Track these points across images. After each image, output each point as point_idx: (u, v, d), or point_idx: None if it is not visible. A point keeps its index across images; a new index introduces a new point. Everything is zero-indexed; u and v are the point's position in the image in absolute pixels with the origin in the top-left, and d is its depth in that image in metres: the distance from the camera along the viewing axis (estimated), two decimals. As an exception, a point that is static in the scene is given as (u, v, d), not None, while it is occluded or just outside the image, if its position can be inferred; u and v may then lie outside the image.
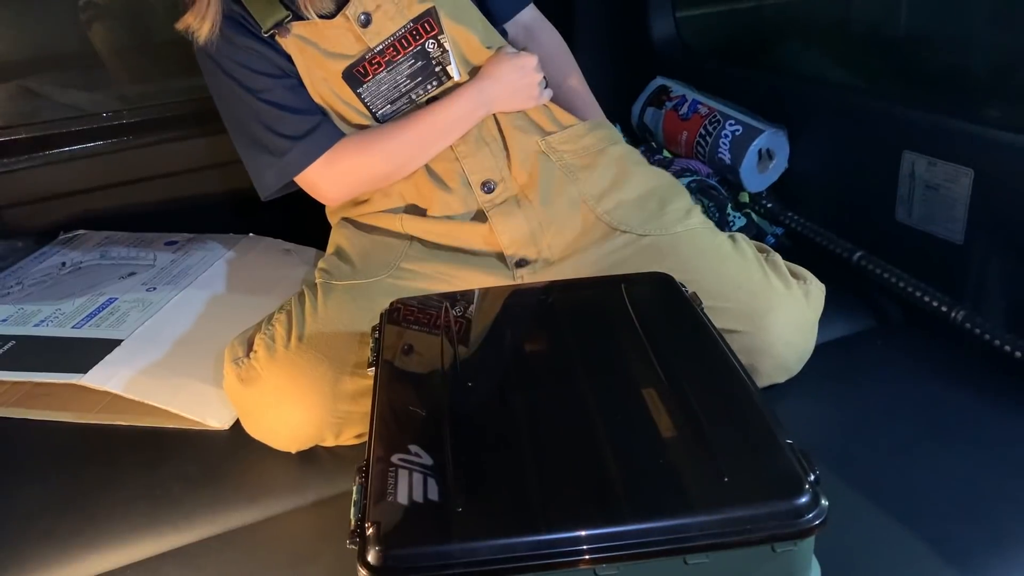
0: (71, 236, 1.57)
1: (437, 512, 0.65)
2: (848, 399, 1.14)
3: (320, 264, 1.20)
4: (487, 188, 1.20)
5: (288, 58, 1.16)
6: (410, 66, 1.17)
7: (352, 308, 1.10)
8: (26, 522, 1.00)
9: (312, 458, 1.08)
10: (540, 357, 0.87)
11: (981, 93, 1.22)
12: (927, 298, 1.24)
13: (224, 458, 1.08)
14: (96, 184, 1.64)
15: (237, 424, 1.11)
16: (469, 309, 0.97)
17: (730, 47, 1.77)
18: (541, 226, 1.19)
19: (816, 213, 1.48)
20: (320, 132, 1.18)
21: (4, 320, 1.27)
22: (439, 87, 1.19)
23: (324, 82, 1.17)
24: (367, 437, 0.76)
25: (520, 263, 1.18)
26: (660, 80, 1.72)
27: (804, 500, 0.64)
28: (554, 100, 1.27)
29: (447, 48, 1.16)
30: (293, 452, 1.07)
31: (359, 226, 1.26)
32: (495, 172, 1.21)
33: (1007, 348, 1.12)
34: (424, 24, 1.15)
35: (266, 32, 1.13)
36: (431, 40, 1.16)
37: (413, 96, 1.19)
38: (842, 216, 1.45)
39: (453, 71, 1.18)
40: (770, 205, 1.53)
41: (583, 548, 0.62)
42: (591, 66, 1.42)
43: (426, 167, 1.21)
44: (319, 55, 1.15)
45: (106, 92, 1.78)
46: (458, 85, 1.19)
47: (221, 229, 1.59)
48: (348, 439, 1.07)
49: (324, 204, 1.28)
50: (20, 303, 1.31)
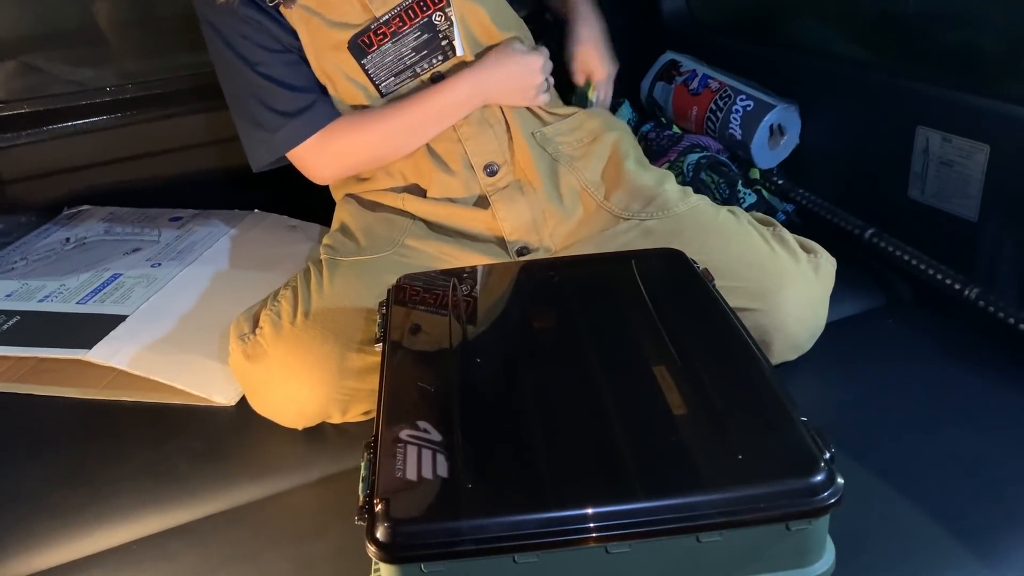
0: (75, 211, 1.56)
1: (446, 488, 0.64)
2: (859, 378, 1.12)
3: (325, 240, 1.19)
4: (489, 171, 1.19)
5: (293, 33, 1.14)
6: (416, 38, 1.15)
7: (358, 284, 1.09)
8: (32, 498, 0.99)
9: (318, 434, 1.07)
10: (549, 334, 0.86)
11: (997, 67, 1.19)
12: (940, 276, 1.22)
13: (230, 434, 1.08)
14: (100, 159, 1.63)
15: (243, 400, 1.11)
16: (477, 285, 0.96)
17: (741, 21, 1.74)
18: (544, 214, 1.18)
19: (827, 190, 1.46)
20: (314, 111, 1.17)
21: (8, 295, 1.26)
22: (444, 62, 1.18)
23: (329, 54, 1.15)
24: (374, 413, 0.75)
25: (521, 251, 1.17)
26: (670, 55, 1.70)
27: (819, 478, 0.63)
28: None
29: (454, 21, 1.15)
30: (299, 429, 1.06)
31: (363, 203, 1.25)
32: (498, 155, 1.20)
33: (1022, 326, 1.10)
34: None
35: (271, 2, 1.11)
36: (438, 12, 1.14)
37: (417, 69, 1.17)
38: (854, 193, 1.43)
39: (458, 46, 1.16)
40: (781, 182, 1.51)
41: (594, 525, 0.61)
42: (600, 40, 1.40)
43: (428, 147, 1.20)
44: (324, 26, 1.13)
45: (109, 67, 1.76)
46: (463, 63, 1.18)
47: (226, 205, 1.58)
48: (355, 416, 1.06)
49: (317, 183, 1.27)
50: (24, 278, 1.31)
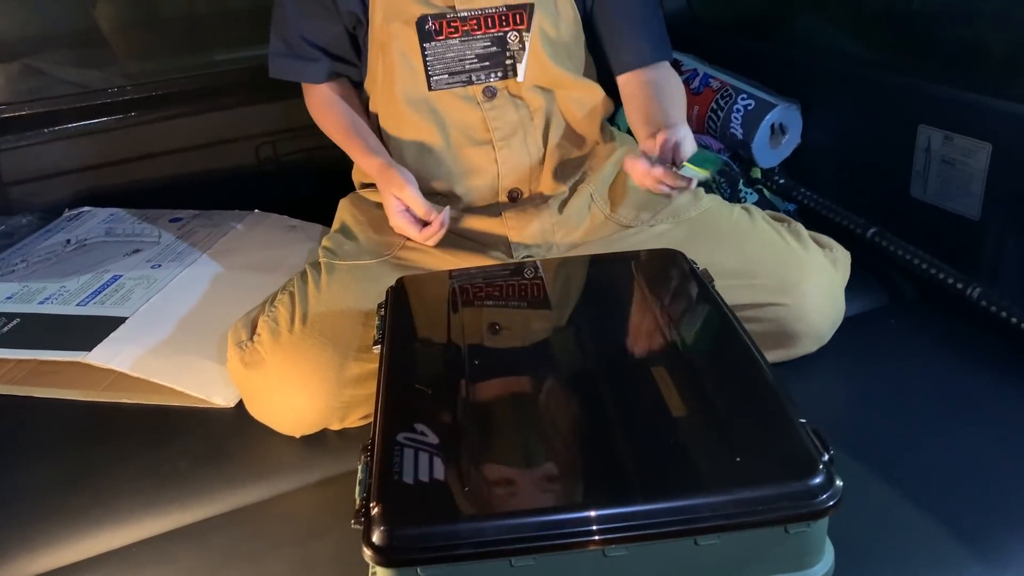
0: (76, 213, 1.56)
1: (443, 491, 0.64)
2: (861, 377, 1.12)
3: (324, 242, 1.19)
4: (512, 195, 1.22)
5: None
6: (484, 47, 1.15)
7: (355, 289, 1.08)
8: (33, 500, 0.99)
9: (319, 436, 1.07)
10: (548, 335, 0.86)
11: (1000, 65, 1.19)
12: (942, 275, 1.22)
13: (230, 436, 1.07)
14: (102, 161, 1.64)
15: (243, 402, 1.10)
16: (476, 285, 0.96)
17: (742, 19, 1.73)
18: (553, 227, 1.18)
19: (829, 189, 1.46)
20: (311, 66, 1.20)
21: (9, 298, 1.26)
22: (501, 79, 1.17)
23: (394, 24, 1.13)
24: (372, 416, 0.75)
25: (526, 256, 1.17)
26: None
27: (818, 480, 0.62)
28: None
29: (526, 48, 1.15)
30: (297, 437, 1.06)
31: (366, 202, 1.24)
32: (525, 183, 1.22)
33: (1024, 326, 1.10)
34: (517, 14, 1.14)
35: None
36: (515, 32, 1.15)
37: (473, 77, 1.17)
38: (856, 192, 1.43)
39: (520, 71, 1.17)
40: (783, 181, 1.51)
41: (592, 528, 0.61)
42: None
43: (456, 157, 1.20)
44: None
45: (111, 69, 1.77)
46: (518, 86, 1.18)
47: (227, 206, 1.57)
48: (354, 421, 1.06)
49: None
50: (25, 280, 1.30)
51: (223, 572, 0.87)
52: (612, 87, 1.26)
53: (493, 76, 1.17)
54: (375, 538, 0.61)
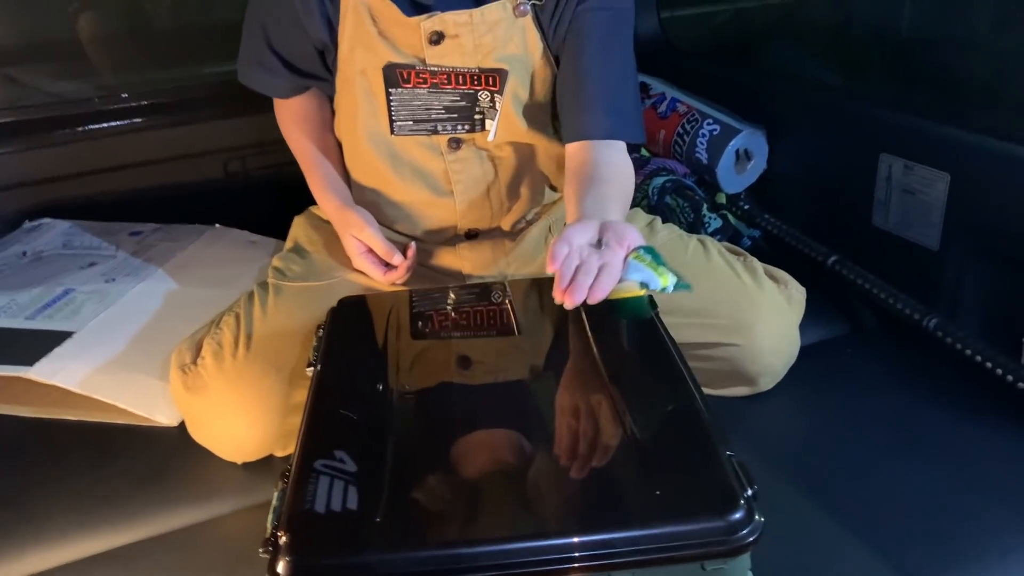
0: (36, 224, 1.54)
1: (354, 522, 0.62)
2: (813, 408, 1.12)
3: (274, 262, 1.18)
4: (470, 233, 1.20)
5: (328, 26, 1.08)
6: (453, 100, 1.11)
7: (301, 314, 1.05)
8: (-39, 518, 0.97)
9: (263, 459, 1.04)
10: (483, 362, 0.84)
11: (959, 96, 1.19)
12: (900, 305, 1.21)
13: (171, 456, 1.06)
14: (64, 172, 1.61)
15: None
16: (418, 308, 0.94)
17: (714, 45, 1.73)
18: (508, 259, 1.18)
19: (794, 216, 1.45)
20: (279, 79, 1.17)
21: (-42, 310, 1.24)
22: (468, 132, 1.13)
23: (364, 59, 1.09)
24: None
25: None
26: (640, 77, 1.69)
27: (737, 516, 0.61)
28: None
29: (498, 109, 1.11)
30: (239, 463, 1.04)
31: (321, 221, 1.23)
32: (484, 222, 1.20)
33: (978, 358, 1.09)
34: (490, 77, 1.10)
35: None
36: (487, 92, 1.11)
37: (439, 128, 1.12)
38: (820, 219, 1.42)
39: (491, 128, 1.12)
40: (747, 207, 1.50)
41: (502, 563, 0.59)
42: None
43: (411, 204, 1.17)
44: (373, 33, 1.07)
45: (78, 80, 1.76)
46: (485, 141, 1.14)
47: (192, 219, 1.55)
48: None
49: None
50: (-25, 292, 1.29)
51: (148, 599, 0.85)
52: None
53: (460, 128, 1.13)
54: (280, 569, 0.60)
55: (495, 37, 1.07)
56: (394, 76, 1.09)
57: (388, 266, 1.11)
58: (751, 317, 1.07)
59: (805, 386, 1.13)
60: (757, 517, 0.62)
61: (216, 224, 1.53)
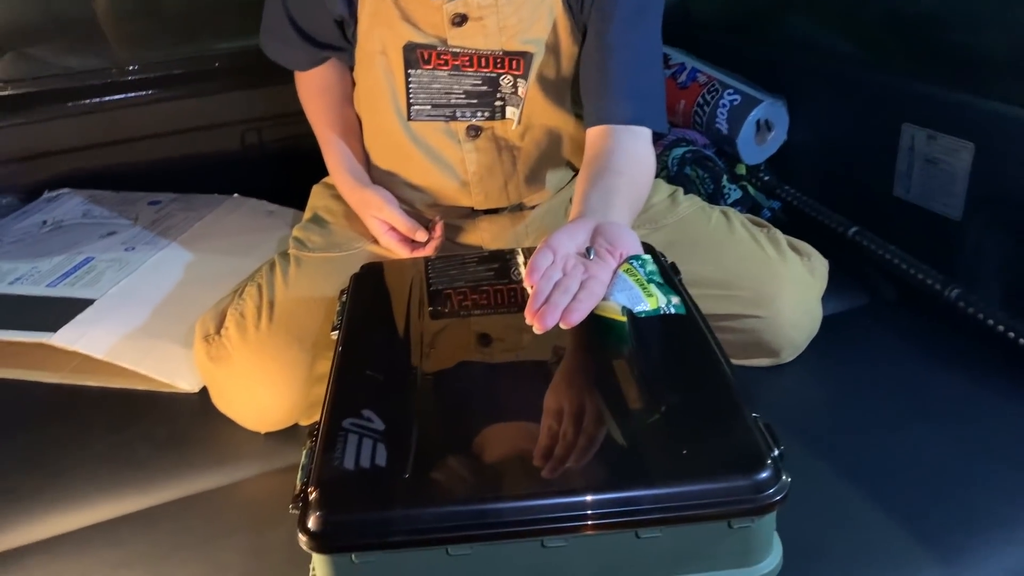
0: (55, 195, 1.55)
1: (383, 478, 0.62)
2: (834, 377, 1.11)
3: (294, 232, 1.17)
4: (490, 212, 1.18)
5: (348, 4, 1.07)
6: (473, 84, 1.08)
7: (323, 284, 1.05)
8: (-11, 480, 0.98)
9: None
10: (506, 325, 0.84)
11: (985, 65, 1.17)
12: (921, 275, 1.21)
13: (193, 421, 1.06)
14: (83, 143, 1.62)
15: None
16: (441, 274, 0.94)
17: (734, 16, 1.71)
18: (527, 230, 1.17)
19: (814, 187, 1.44)
20: (298, 51, 1.16)
21: (-21, 277, 1.25)
22: (488, 119, 1.10)
23: (384, 37, 1.07)
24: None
25: None
26: (660, 48, 1.68)
27: (764, 475, 0.61)
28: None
29: (521, 95, 1.08)
30: (262, 433, 1.04)
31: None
32: (503, 202, 1.17)
33: (1000, 328, 1.08)
34: (514, 60, 1.06)
35: None
36: (509, 76, 1.07)
37: (458, 113, 1.10)
38: (840, 190, 1.41)
39: (514, 116, 1.09)
40: (767, 178, 1.49)
41: (529, 519, 0.59)
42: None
43: (428, 188, 1.16)
44: (394, 11, 1.06)
45: (97, 53, 1.75)
46: (505, 129, 1.11)
47: (209, 190, 1.56)
48: None
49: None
50: (-3, 260, 1.29)
51: (172, 558, 0.86)
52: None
53: (480, 115, 1.10)
54: (310, 524, 0.60)
55: (520, 19, 1.05)
56: (414, 56, 1.06)
57: (414, 243, 1.10)
58: (774, 289, 1.06)
59: (825, 356, 1.13)
60: (784, 477, 0.62)
61: (234, 194, 1.54)
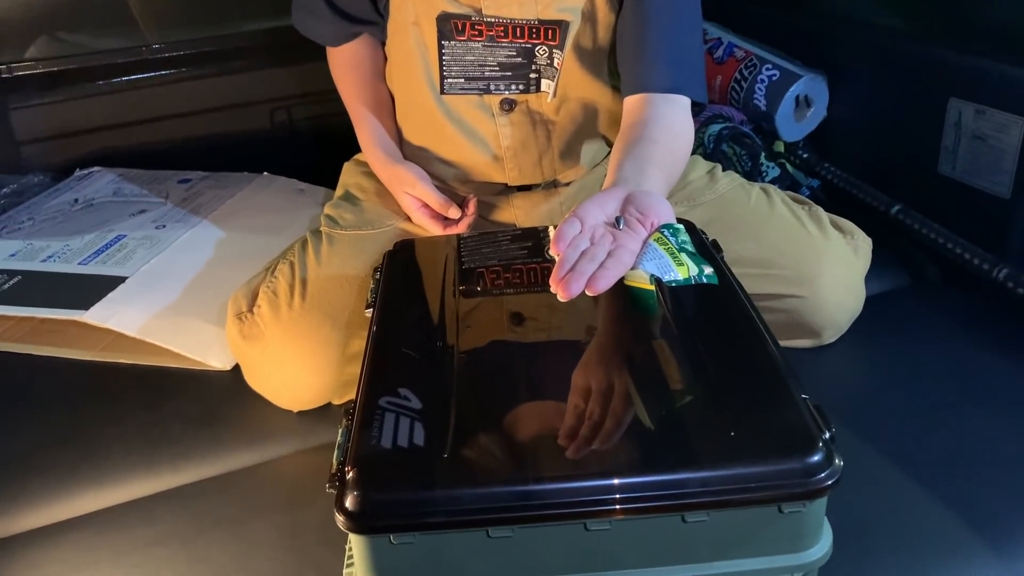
0: (86, 173, 1.55)
1: (421, 458, 0.61)
2: (879, 359, 1.08)
3: (326, 209, 1.16)
4: (525, 188, 1.15)
5: None
6: (508, 55, 1.05)
7: (355, 263, 1.04)
8: (24, 458, 0.98)
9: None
10: (545, 304, 0.82)
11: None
12: (968, 255, 1.17)
13: (226, 399, 1.06)
14: (114, 122, 1.63)
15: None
16: (477, 251, 0.92)
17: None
18: (561, 207, 1.14)
19: (855, 165, 1.41)
20: (328, 25, 1.14)
21: (12, 255, 1.25)
22: (522, 93, 1.08)
23: (413, 10, 1.05)
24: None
25: None
26: (695, 23, 1.64)
27: (816, 459, 0.58)
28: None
29: (557, 67, 1.05)
30: (295, 412, 1.03)
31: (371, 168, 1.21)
32: (537, 178, 1.14)
33: (1051, 309, 1.05)
34: (549, 30, 1.04)
35: None
36: (544, 47, 1.05)
37: (492, 87, 1.07)
38: (882, 168, 1.38)
39: (550, 89, 1.07)
40: (806, 155, 1.46)
41: (572, 501, 0.58)
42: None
43: (460, 165, 1.13)
44: None
45: (127, 31, 1.74)
46: (540, 102, 1.08)
47: (238, 168, 1.56)
48: None
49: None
50: (30, 238, 1.29)
51: (207, 535, 0.85)
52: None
53: (514, 88, 1.07)
54: (348, 503, 0.59)
55: None
56: (448, 27, 1.04)
57: (446, 220, 1.09)
58: (816, 268, 1.03)
59: (868, 338, 1.10)
60: (836, 460, 0.59)
61: (264, 172, 1.53)
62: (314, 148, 1.40)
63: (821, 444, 0.60)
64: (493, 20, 1.04)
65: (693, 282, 0.77)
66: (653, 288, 0.76)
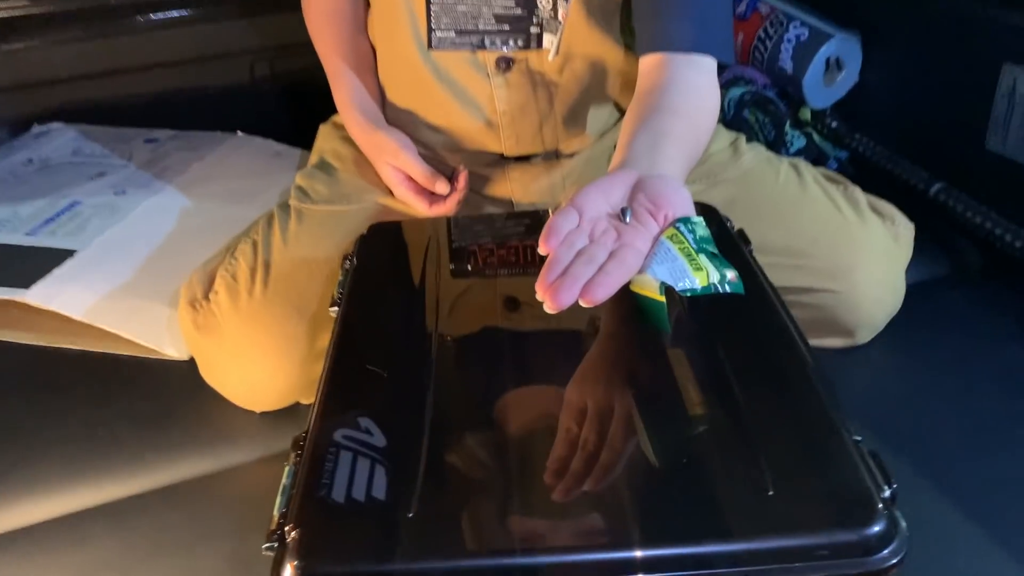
0: (45, 130, 1.42)
1: (381, 516, 0.49)
2: (916, 362, 0.98)
3: (297, 179, 1.03)
4: (522, 159, 1.03)
5: None
6: (505, 7, 0.93)
7: (328, 243, 0.92)
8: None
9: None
10: (542, 313, 0.70)
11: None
12: (1017, 242, 1.07)
13: (182, 395, 0.94)
14: (77, 73, 1.50)
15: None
16: (463, 238, 0.80)
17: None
18: (564, 181, 1.02)
19: (889, 137, 1.30)
20: None
21: (-46, 222, 1.13)
22: (522, 50, 0.96)
23: None
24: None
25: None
26: (715, -27, 1.51)
27: (877, 528, 0.47)
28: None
29: (561, 20, 0.93)
30: (256, 412, 0.92)
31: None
32: (538, 148, 1.02)
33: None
34: None
35: None
36: None
37: (487, 41, 0.95)
38: (921, 141, 1.26)
39: (552, 44, 0.94)
40: (835, 124, 1.35)
41: (570, 580, 0.46)
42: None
43: (451, 130, 1.01)
44: None
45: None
46: (541, 61, 0.96)
47: (209, 127, 1.44)
48: None
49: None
50: (-26, 204, 1.17)
51: (144, 566, 0.74)
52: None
53: (511, 44, 0.95)
54: (285, 573, 0.47)
55: None
56: None
57: (433, 195, 0.96)
58: (852, 259, 0.92)
59: (903, 336, 0.99)
60: (902, 526, 0.48)
61: (238, 132, 1.41)
62: (294, 106, 1.27)
63: (881, 506, 0.48)
64: None
65: (713, 291, 0.64)
66: (663, 299, 0.62)
